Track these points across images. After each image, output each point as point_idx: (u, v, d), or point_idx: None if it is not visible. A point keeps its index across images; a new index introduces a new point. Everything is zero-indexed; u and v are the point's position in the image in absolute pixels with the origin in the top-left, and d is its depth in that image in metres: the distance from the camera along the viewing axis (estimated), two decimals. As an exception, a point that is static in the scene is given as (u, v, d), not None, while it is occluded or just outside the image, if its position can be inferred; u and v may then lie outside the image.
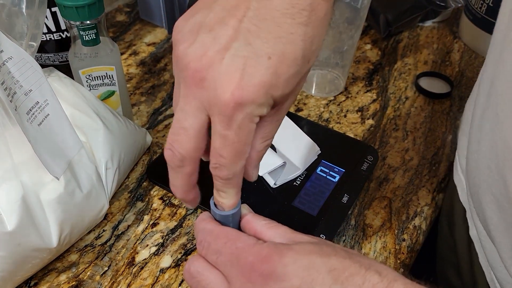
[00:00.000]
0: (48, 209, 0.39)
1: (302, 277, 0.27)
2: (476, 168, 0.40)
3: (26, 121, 0.38)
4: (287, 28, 0.26)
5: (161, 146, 0.56)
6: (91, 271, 0.43)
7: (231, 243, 0.30)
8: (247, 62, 0.26)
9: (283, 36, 0.26)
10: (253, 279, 0.27)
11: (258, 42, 0.26)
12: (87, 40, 0.48)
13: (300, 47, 0.26)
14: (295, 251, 0.28)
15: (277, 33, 0.26)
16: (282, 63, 0.26)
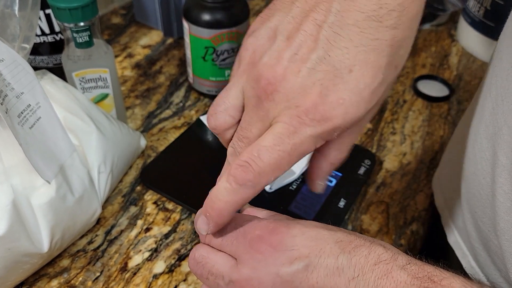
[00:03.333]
0: (39, 214, 0.38)
1: (310, 247, 0.27)
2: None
3: (17, 124, 0.38)
4: (372, 33, 0.23)
5: (156, 149, 0.55)
6: (83, 276, 0.42)
7: (234, 223, 0.30)
8: (326, 76, 0.24)
9: (365, 43, 0.23)
10: (262, 249, 0.28)
11: (339, 53, 0.23)
12: (81, 42, 0.47)
13: (385, 54, 0.23)
14: (302, 224, 0.28)
15: (360, 41, 0.23)
16: (366, 75, 0.23)
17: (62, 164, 0.41)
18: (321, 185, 0.31)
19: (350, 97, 0.24)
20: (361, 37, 0.23)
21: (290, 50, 0.24)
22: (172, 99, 0.62)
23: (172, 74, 0.67)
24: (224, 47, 0.57)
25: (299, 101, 0.24)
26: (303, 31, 0.24)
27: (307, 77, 0.24)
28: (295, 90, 0.24)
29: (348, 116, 0.24)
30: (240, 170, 0.26)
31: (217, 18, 0.55)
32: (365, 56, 0.23)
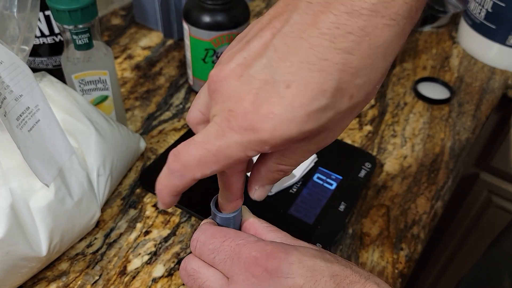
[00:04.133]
0: (38, 217, 0.38)
1: (306, 277, 0.27)
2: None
3: (16, 126, 0.38)
4: (322, 52, 0.21)
5: (155, 152, 0.55)
6: (82, 280, 0.42)
7: (229, 240, 0.29)
8: (263, 86, 0.23)
9: (312, 61, 0.22)
10: (257, 273, 0.27)
11: (282, 65, 0.22)
12: (80, 44, 0.47)
13: (334, 78, 0.22)
14: (300, 252, 0.28)
15: (307, 57, 0.22)
16: (303, 94, 0.22)
17: (61, 167, 0.40)
18: (257, 190, 0.30)
19: (281, 113, 0.22)
20: (308, 54, 0.22)
21: (242, 53, 0.24)
22: (172, 101, 0.62)
23: (172, 76, 0.66)
24: (224, 49, 0.57)
25: (233, 106, 0.23)
26: (259, 36, 0.23)
27: (246, 83, 0.23)
28: (232, 93, 0.23)
29: (277, 132, 0.22)
30: (171, 158, 0.26)
31: (217, 20, 0.55)
32: (308, 74, 0.22)
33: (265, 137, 0.23)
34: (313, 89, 0.22)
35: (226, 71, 0.24)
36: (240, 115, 0.23)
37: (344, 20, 0.21)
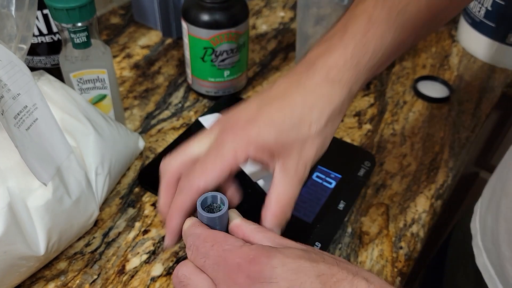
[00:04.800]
0: (36, 216, 0.38)
1: (291, 280, 0.26)
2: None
3: (14, 125, 0.37)
4: (290, 92, 0.33)
5: (154, 151, 0.55)
6: (80, 279, 0.42)
7: (218, 245, 0.29)
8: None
9: (282, 97, 0.33)
10: (239, 280, 0.27)
11: (265, 98, 0.34)
12: (78, 43, 0.47)
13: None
14: (284, 254, 0.27)
15: (281, 95, 0.33)
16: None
17: (59, 166, 0.40)
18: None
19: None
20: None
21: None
22: (171, 100, 0.62)
23: (171, 75, 0.66)
24: (223, 48, 0.57)
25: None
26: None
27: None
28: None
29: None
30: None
31: (216, 19, 0.54)
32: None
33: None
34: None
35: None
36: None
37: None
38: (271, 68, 0.69)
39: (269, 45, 0.74)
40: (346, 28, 0.34)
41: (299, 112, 0.32)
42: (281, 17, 0.80)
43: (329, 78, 0.33)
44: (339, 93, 0.33)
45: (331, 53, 0.33)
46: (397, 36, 0.34)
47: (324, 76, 0.33)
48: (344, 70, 0.33)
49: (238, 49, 0.58)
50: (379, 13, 0.34)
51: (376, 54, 0.33)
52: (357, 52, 0.33)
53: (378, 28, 0.33)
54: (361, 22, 0.34)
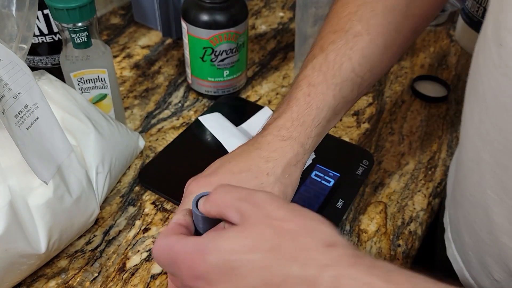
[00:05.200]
0: (36, 214, 0.38)
1: (229, 281, 0.25)
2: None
3: (15, 124, 0.38)
4: (247, 149, 0.37)
5: (154, 150, 0.55)
6: (81, 277, 0.42)
7: (169, 249, 0.29)
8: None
9: (240, 153, 0.37)
10: (187, 281, 0.27)
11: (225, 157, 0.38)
12: (79, 43, 0.47)
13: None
14: (218, 251, 0.26)
15: (239, 152, 0.38)
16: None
17: (59, 164, 0.41)
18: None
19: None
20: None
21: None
22: (171, 100, 0.62)
23: (170, 75, 0.67)
24: (222, 48, 0.57)
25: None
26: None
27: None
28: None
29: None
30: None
31: (215, 19, 0.55)
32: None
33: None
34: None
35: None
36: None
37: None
38: (270, 68, 0.69)
39: (268, 45, 0.74)
40: (291, 95, 0.39)
41: (255, 164, 0.36)
42: (280, 17, 0.81)
43: (280, 136, 0.37)
44: (291, 148, 0.37)
45: (280, 117, 0.38)
46: (338, 92, 0.39)
47: (275, 135, 0.37)
48: (292, 129, 0.37)
49: (238, 49, 0.58)
50: (316, 77, 0.39)
51: (321, 110, 0.38)
52: (302, 112, 0.38)
53: (317, 89, 0.38)
54: (302, 87, 0.39)
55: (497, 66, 0.31)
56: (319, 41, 0.42)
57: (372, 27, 0.40)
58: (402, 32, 0.42)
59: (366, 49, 0.39)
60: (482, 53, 0.34)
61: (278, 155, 0.36)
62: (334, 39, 0.40)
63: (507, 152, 0.32)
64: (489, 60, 0.33)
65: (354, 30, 0.40)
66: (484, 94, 0.34)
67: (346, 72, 0.39)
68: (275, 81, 0.67)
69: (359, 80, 0.40)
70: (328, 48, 0.40)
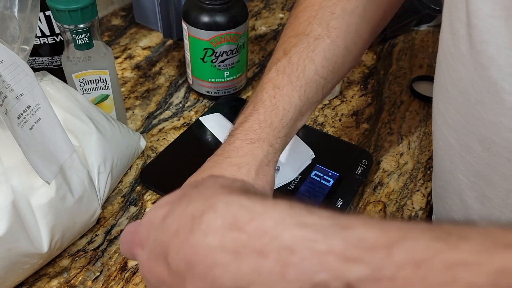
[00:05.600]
0: (39, 214, 0.39)
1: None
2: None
3: (17, 125, 0.38)
4: (217, 160, 0.37)
5: (155, 150, 0.55)
6: (83, 276, 0.43)
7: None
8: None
9: (212, 165, 0.37)
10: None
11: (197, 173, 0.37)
12: (80, 44, 0.48)
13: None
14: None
15: (211, 165, 0.37)
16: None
17: (61, 164, 0.41)
18: None
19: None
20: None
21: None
22: (172, 100, 0.63)
23: (171, 75, 0.67)
24: (223, 49, 0.57)
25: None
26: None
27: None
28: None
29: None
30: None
31: (215, 20, 0.55)
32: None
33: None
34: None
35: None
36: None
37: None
38: (270, 68, 0.69)
39: (268, 46, 0.74)
40: (257, 98, 0.40)
41: (229, 174, 0.36)
42: (280, 18, 0.81)
43: (248, 139, 0.37)
44: (261, 149, 0.37)
45: (247, 120, 0.39)
46: (303, 93, 0.39)
47: (243, 140, 0.37)
48: (260, 131, 0.38)
49: (238, 50, 0.59)
50: (281, 79, 0.40)
51: (287, 111, 0.39)
52: (269, 113, 0.38)
53: (283, 91, 0.39)
54: (268, 90, 0.40)
55: (453, 55, 0.33)
56: (281, 45, 0.43)
57: (332, 30, 0.41)
58: (362, 34, 0.43)
59: (327, 51, 0.41)
60: (441, 46, 0.36)
61: (249, 159, 0.36)
62: (296, 42, 0.41)
63: (469, 135, 0.34)
64: (446, 51, 0.35)
65: (315, 33, 0.41)
66: (446, 83, 0.35)
67: (310, 74, 0.40)
68: (275, 81, 0.67)
69: (322, 82, 0.41)
70: (291, 51, 0.41)
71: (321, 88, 0.41)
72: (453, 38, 0.33)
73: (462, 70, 0.33)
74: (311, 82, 0.40)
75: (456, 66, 0.33)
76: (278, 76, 0.40)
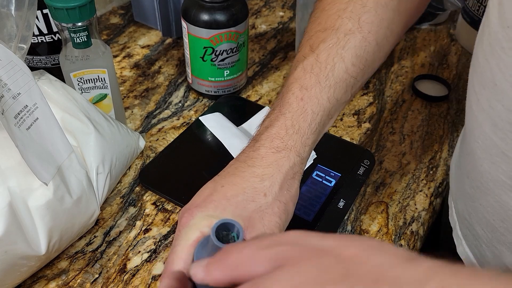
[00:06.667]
0: (36, 216, 0.38)
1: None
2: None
3: (14, 125, 0.37)
4: (240, 167, 0.34)
5: (155, 150, 0.55)
6: (81, 278, 0.42)
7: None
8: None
9: (233, 173, 0.34)
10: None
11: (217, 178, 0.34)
12: (79, 43, 0.47)
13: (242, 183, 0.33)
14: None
15: (232, 172, 0.34)
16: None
17: (59, 165, 0.40)
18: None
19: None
20: (233, 170, 0.35)
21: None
22: (171, 99, 0.62)
23: (171, 74, 0.66)
24: (223, 47, 0.57)
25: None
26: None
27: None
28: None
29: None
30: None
31: (215, 18, 0.55)
32: (228, 180, 0.35)
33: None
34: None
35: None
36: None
37: (250, 153, 0.35)
38: (270, 67, 0.69)
39: (268, 44, 0.74)
40: (283, 100, 0.37)
41: (250, 186, 0.33)
42: (280, 17, 0.80)
43: (274, 148, 0.34)
44: (287, 160, 0.34)
45: (273, 125, 0.35)
46: (332, 94, 0.36)
47: (268, 147, 0.34)
48: (287, 138, 0.35)
49: (238, 48, 0.58)
50: (308, 79, 0.37)
51: (316, 115, 0.36)
52: (296, 118, 0.35)
53: (311, 92, 0.36)
54: (294, 90, 0.36)
55: (505, 49, 0.31)
56: (308, 41, 0.39)
57: (364, 24, 0.38)
58: (394, 29, 0.40)
59: (358, 48, 0.38)
60: (488, 39, 0.34)
61: (273, 170, 0.33)
62: (324, 37, 0.38)
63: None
64: (496, 45, 0.32)
65: (345, 28, 0.38)
66: (494, 79, 0.33)
67: (339, 73, 0.37)
68: (276, 80, 0.66)
69: (352, 81, 0.38)
70: (319, 48, 0.38)
71: (350, 88, 0.38)
72: (506, 31, 0.31)
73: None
74: (340, 82, 0.37)
75: (509, 61, 0.31)
76: (305, 75, 0.37)
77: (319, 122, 0.36)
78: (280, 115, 0.36)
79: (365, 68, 0.39)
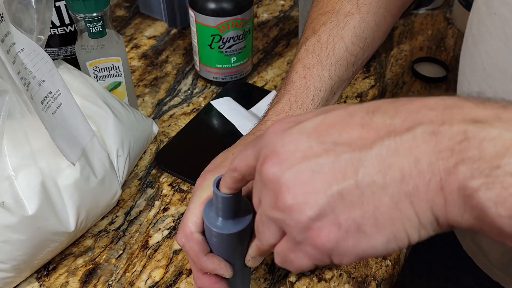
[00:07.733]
0: (66, 194, 0.40)
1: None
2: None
3: (42, 109, 0.40)
4: (248, 138, 0.37)
5: (167, 135, 0.57)
6: (106, 254, 0.44)
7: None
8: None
9: (242, 143, 0.37)
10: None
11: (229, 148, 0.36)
12: (94, 32, 0.49)
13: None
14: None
15: (241, 143, 0.37)
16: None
17: (83, 147, 0.43)
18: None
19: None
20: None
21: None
22: (180, 87, 0.64)
23: (178, 63, 0.69)
24: (229, 34, 0.59)
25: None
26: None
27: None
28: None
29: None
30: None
31: (222, 6, 0.57)
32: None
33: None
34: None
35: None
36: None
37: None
38: (274, 54, 0.71)
39: (271, 32, 0.76)
40: (288, 79, 0.40)
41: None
42: (281, 5, 0.82)
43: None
44: None
45: (279, 102, 0.39)
46: (333, 71, 0.40)
47: (274, 121, 0.36)
48: (291, 112, 0.38)
49: (244, 35, 0.60)
50: (310, 59, 0.40)
51: (318, 91, 0.39)
52: (300, 94, 0.39)
53: (313, 71, 0.39)
54: (297, 70, 0.40)
55: (493, 35, 0.33)
56: (310, 24, 0.43)
57: (362, 6, 0.41)
58: (391, 9, 0.43)
59: (357, 28, 0.41)
60: (477, 26, 0.36)
61: None
62: (325, 20, 0.41)
63: None
64: (484, 31, 0.35)
65: (344, 10, 0.41)
66: (483, 63, 0.35)
67: (340, 51, 0.40)
68: (280, 66, 0.69)
69: (353, 59, 0.41)
70: (320, 30, 0.41)
71: (351, 66, 0.41)
72: (493, 18, 0.33)
73: (504, 50, 0.32)
74: (341, 60, 0.40)
75: (497, 46, 0.33)
76: (308, 55, 0.40)
77: (322, 98, 0.40)
78: (285, 93, 0.40)
79: (364, 46, 0.42)
